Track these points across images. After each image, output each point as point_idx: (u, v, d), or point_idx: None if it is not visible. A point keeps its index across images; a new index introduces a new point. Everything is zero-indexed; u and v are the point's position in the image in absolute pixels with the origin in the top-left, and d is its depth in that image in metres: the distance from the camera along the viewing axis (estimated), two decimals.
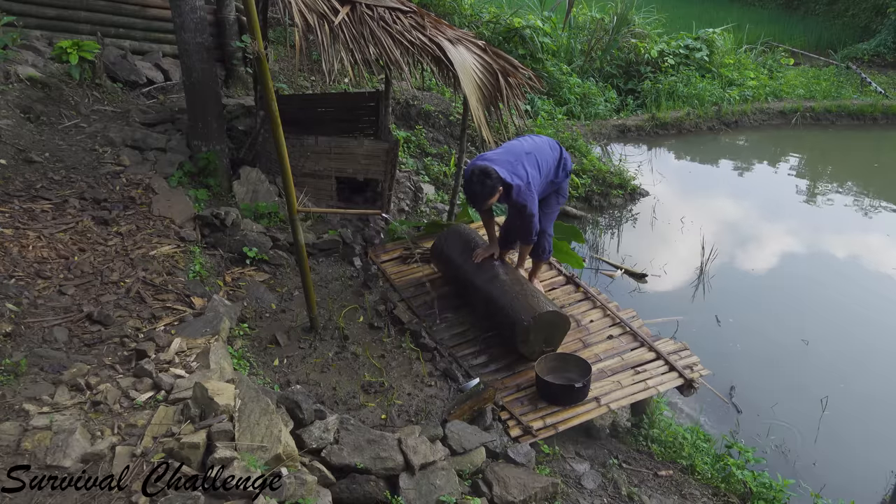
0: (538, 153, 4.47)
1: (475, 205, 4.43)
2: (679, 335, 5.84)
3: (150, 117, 6.26)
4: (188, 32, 5.23)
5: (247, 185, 5.73)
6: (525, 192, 4.30)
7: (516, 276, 4.68)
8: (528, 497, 3.39)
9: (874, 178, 10.56)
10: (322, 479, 2.99)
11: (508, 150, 4.44)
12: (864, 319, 6.50)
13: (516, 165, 4.31)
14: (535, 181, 4.36)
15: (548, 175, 4.54)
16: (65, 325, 3.63)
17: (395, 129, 7.89)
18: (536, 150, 4.48)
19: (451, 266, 4.98)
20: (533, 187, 4.35)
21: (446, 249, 5.00)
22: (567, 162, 4.68)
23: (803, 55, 15.84)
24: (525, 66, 5.84)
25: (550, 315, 4.29)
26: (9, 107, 5.47)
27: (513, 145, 4.51)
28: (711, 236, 7.55)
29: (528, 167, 4.34)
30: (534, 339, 4.32)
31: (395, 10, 5.13)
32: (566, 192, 4.90)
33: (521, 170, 4.31)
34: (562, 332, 4.46)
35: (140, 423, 2.85)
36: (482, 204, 4.33)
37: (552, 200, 4.81)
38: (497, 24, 11.03)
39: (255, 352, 4.24)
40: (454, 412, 3.84)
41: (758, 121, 11.86)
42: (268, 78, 3.60)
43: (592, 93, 11.24)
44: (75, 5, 6.96)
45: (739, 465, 4.21)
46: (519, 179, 4.27)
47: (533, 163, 4.40)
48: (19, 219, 4.39)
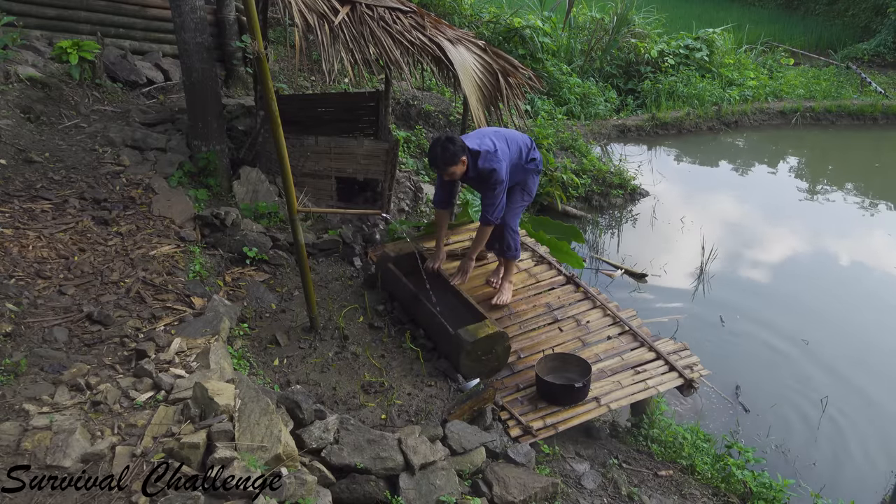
0: (506, 134, 4.60)
1: (436, 168, 4.43)
2: (679, 335, 5.85)
3: (150, 117, 6.26)
4: (188, 32, 5.23)
5: (247, 185, 5.73)
6: (493, 158, 4.32)
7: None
8: (528, 497, 3.39)
9: (874, 178, 10.56)
10: (322, 479, 2.99)
11: (477, 131, 4.62)
12: (864, 319, 6.50)
13: (483, 138, 4.41)
14: (503, 153, 4.39)
15: (518, 155, 4.56)
16: (65, 325, 3.62)
17: (395, 129, 7.89)
18: (504, 132, 4.63)
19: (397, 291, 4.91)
20: (501, 156, 4.36)
21: (387, 285, 4.96)
22: (536, 152, 4.70)
23: (803, 55, 15.84)
24: (525, 66, 5.85)
25: (476, 342, 4.15)
26: (9, 107, 5.47)
27: (481, 129, 4.69)
28: (711, 236, 7.55)
29: (496, 140, 4.41)
30: (473, 361, 4.21)
31: (395, 10, 5.13)
32: (533, 190, 4.84)
33: (488, 141, 4.38)
34: (501, 342, 4.29)
35: (140, 423, 2.85)
36: (443, 168, 4.30)
37: (517, 196, 4.78)
38: (497, 24, 11.03)
39: (255, 352, 4.24)
40: (454, 412, 3.84)
41: (758, 121, 11.86)
42: (268, 78, 3.60)
43: (592, 93, 11.24)
44: (75, 5, 6.96)
45: (739, 465, 4.21)
46: (486, 147, 4.32)
47: (502, 138, 4.48)
48: (19, 219, 4.39)
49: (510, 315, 4.91)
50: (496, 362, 4.32)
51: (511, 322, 4.85)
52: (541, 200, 8.19)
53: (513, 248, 4.85)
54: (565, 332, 4.80)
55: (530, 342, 4.69)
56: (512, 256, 4.90)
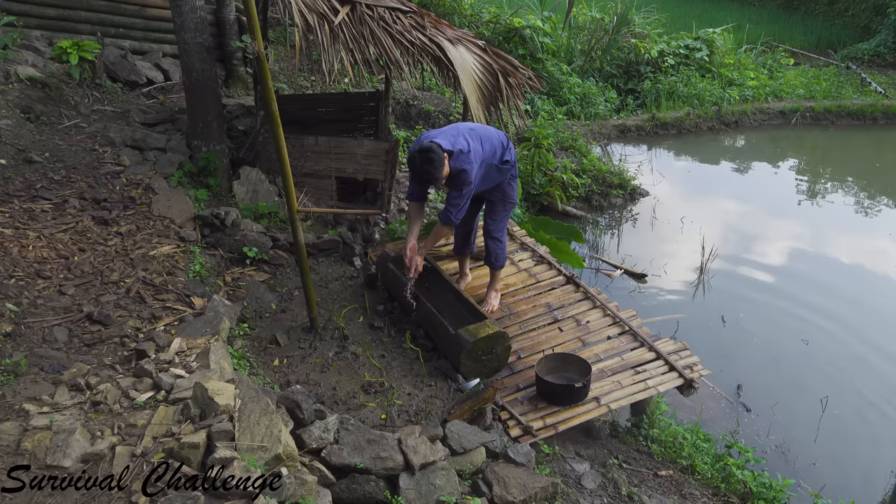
0: (481, 132, 4.51)
1: (430, 183, 4.42)
2: (679, 335, 5.85)
3: (150, 117, 6.26)
4: (188, 32, 5.23)
5: (247, 185, 5.73)
6: (465, 159, 4.26)
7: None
8: (528, 497, 3.39)
9: (875, 178, 10.56)
10: (322, 479, 2.99)
11: (452, 126, 4.52)
12: (864, 319, 6.50)
13: (457, 137, 4.33)
14: (476, 153, 4.33)
15: (492, 154, 4.48)
16: (65, 325, 3.63)
17: (395, 129, 7.89)
18: (480, 129, 4.54)
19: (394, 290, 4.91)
20: (473, 158, 4.30)
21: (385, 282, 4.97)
22: (512, 154, 4.61)
23: (803, 55, 15.84)
24: (525, 66, 5.85)
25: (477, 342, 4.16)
26: (9, 107, 5.47)
27: (456, 124, 4.59)
28: (711, 236, 7.55)
29: (469, 140, 4.35)
30: (473, 361, 4.22)
31: (395, 10, 5.13)
32: (513, 197, 4.80)
33: (462, 140, 4.31)
34: (501, 342, 4.30)
35: (140, 423, 2.85)
36: (435, 181, 4.29)
37: (498, 207, 4.75)
38: (497, 24, 11.03)
39: (255, 352, 4.24)
40: (454, 412, 3.84)
41: (758, 121, 11.85)
42: (268, 78, 3.60)
43: (592, 93, 11.24)
44: (75, 5, 6.96)
45: (739, 465, 4.21)
46: (460, 146, 4.27)
47: (476, 138, 4.40)
48: (19, 219, 4.39)
49: (510, 315, 4.91)
50: (496, 362, 4.32)
51: (511, 322, 4.85)
52: (541, 200, 8.19)
53: (501, 259, 4.83)
54: (565, 332, 4.80)
55: (530, 342, 4.69)
56: (498, 267, 4.87)
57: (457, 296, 4.71)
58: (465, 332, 4.16)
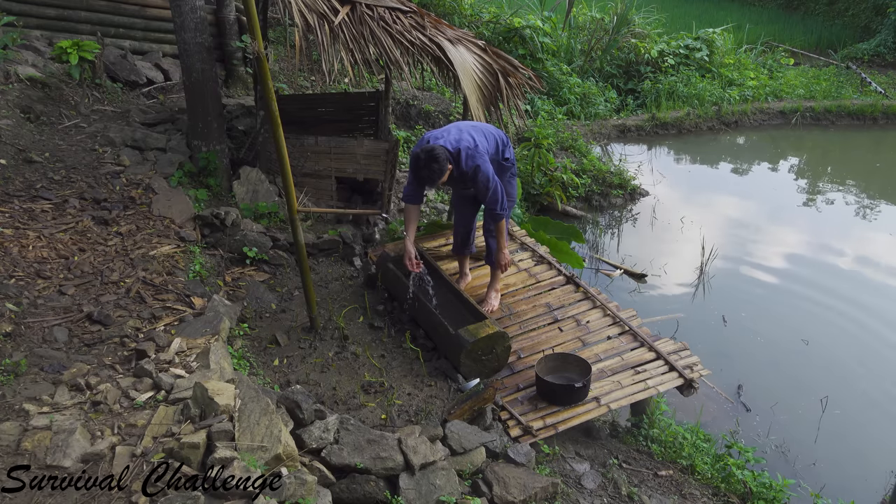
0: (483, 127, 4.56)
1: (430, 186, 4.40)
2: (679, 335, 5.85)
3: (150, 117, 6.26)
4: (188, 32, 5.23)
5: (247, 185, 5.73)
6: (474, 154, 4.27)
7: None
8: (528, 497, 3.39)
9: (875, 178, 10.56)
10: (322, 479, 2.99)
11: (454, 125, 4.54)
12: (864, 319, 6.50)
13: (461, 133, 4.34)
14: (483, 147, 4.36)
15: (495, 150, 4.54)
16: (65, 325, 3.63)
17: (395, 129, 7.89)
18: (481, 125, 4.59)
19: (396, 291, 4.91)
20: (483, 150, 4.32)
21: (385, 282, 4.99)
22: (510, 151, 4.66)
23: (803, 55, 15.84)
24: (525, 66, 5.85)
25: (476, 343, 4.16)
26: (9, 107, 5.47)
27: (458, 122, 4.62)
28: (711, 236, 7.55)
29: (474, 135, 4.37)
30: (473, 361, 4.22)
31: (395, 10, 5.13)
32: (513, 196, 4.80)
33: (466, 136, 4.32)
34: (501, 342, 4.29)
35: (140, 423, 2.85)
36: (432, 184, 4.30)
37: None
38: (497, 24, 11.03)
39: (255, 352, 4.24)
40: (454, 412, 3.84)
41: (758, 121, 11.86)
42: (268, 78, 3.60)
43: (592, 93, 11.24)
44: (75, 5, 6.96)
45: (739, 465, 4.21)
46: (466, 143, 4.27)
47: (479, 132, 4.44)
48: (19, 219, 4.40)
49: (510, 315, 4.91)
50: (496, 362, 4.32)
51: (511, 322, 4.85)
52: (541, 200, 8.19)
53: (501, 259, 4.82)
54: (565, 332, 4.80)
55: (530, 342, 4.69)
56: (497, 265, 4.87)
57: (457, 296, 4.71)
58: (465, 332, 4.17)
